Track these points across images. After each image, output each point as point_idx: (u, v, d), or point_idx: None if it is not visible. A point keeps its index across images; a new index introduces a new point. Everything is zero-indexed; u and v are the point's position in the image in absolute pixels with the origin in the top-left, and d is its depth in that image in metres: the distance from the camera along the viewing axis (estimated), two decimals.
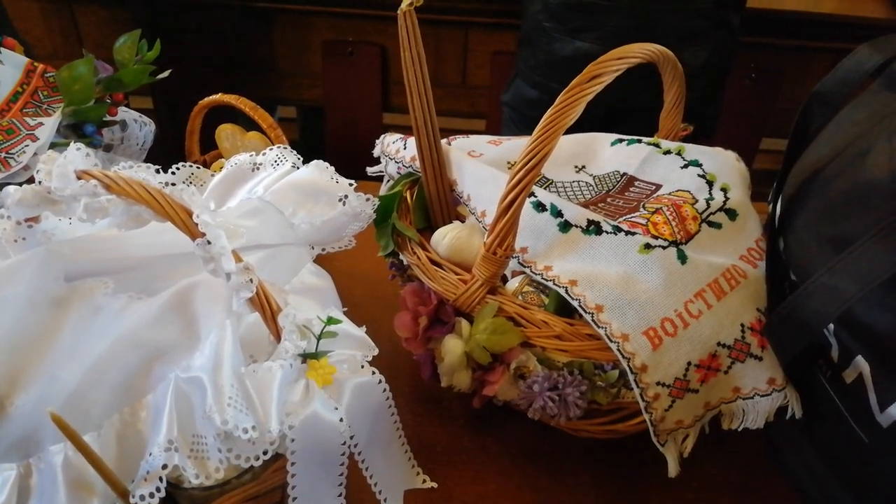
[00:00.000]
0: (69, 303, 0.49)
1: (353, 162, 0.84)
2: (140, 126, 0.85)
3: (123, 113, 0.82)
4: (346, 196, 0.57)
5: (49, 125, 0.71)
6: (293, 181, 0.56)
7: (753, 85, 1.75)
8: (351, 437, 0.47)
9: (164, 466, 0.41)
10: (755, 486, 0.64)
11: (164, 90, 1.87)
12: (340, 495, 0.48)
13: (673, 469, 0.58)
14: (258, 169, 0.59)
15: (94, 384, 0.44)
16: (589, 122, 0.66)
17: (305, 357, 0.46)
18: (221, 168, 0.74)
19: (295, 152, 0.60)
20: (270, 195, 0.55)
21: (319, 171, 0.58)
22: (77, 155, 0.47)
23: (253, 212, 0.54)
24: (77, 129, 0.77)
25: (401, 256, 0.67)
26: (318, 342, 0.47)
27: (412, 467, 0.54)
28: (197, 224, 0.43)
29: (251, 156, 0.60)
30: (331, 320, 0.47)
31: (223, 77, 1.92)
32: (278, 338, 0.46)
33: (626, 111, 1.09)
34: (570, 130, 0.58)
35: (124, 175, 0.45)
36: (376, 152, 0.77)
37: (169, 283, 0.51)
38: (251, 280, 0.44)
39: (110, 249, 0.51)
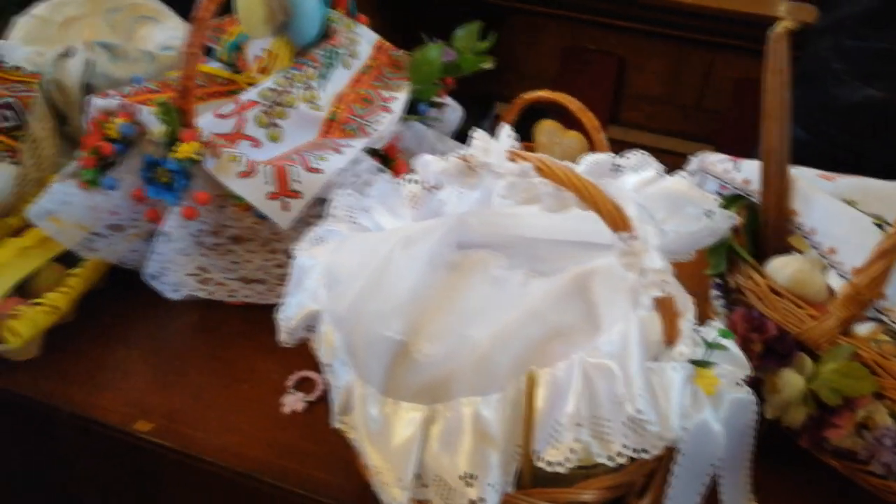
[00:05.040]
0: (462, 268, 0.54)
1: None
2: (451, 111, 0.90)
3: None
4: (711, 210, 0.57)
5: (401, 100, 0.77)
6: (664, 189, 0.57)
7: None
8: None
9: (577, 440, 0.43)
10: None
11: None
12: None
13: None
14: (618, 170, 0.61)
15: (500, 349, 0.48)
16: None
17: (695, 364, 0.47)
18: None
19: (655, 160, 0.61)
20: (644, 199, 0.57)
21: (685, 183, 0.59)
22: (504, 136, 0.51)
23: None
24: (410, 106, 0.83)
25: (727, 278, 0.67)
26: (708, 351, 0.47)
27: (748, 492, 0.53)
28: (626, 219, 0.45)
29: (610, 156, 0.62)
30: (724, 333, 0.48)
31: None
32: (672, 340, 0.47)
33: None
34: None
35: (553, 162, 0.48)
36: (692, 168, 0.77)
37: (550, 266, 0.53)
38: (665, 280, 0.45)
39: (505, 226, 0.55)
